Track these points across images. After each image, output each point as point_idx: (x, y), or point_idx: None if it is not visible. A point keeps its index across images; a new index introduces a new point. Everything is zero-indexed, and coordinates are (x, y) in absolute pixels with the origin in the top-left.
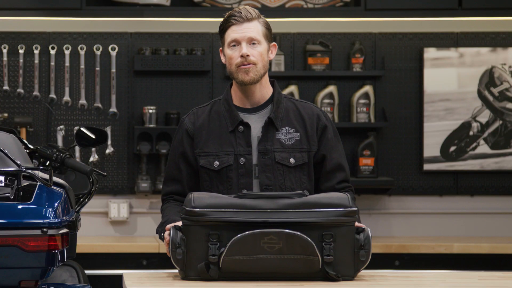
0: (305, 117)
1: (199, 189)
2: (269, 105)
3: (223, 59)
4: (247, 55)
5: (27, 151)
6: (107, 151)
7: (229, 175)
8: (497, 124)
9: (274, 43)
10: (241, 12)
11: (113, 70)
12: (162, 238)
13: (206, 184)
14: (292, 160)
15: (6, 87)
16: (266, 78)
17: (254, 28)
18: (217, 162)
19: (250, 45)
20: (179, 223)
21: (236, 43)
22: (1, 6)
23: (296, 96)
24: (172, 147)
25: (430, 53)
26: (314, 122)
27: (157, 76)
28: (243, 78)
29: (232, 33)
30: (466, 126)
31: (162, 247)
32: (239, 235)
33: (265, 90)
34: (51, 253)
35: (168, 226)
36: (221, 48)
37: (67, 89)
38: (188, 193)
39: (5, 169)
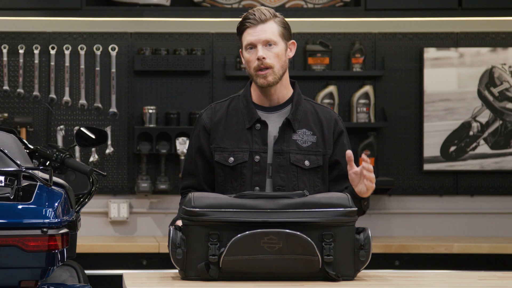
0: (323, 120)
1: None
2: (288, 106)
3: (243, 60)
4: (263, 58)
5: (27, 151)
6: (107, 151)
7: (243, 172)
8: (497, 124)
9: (292, 41)
10: (255, 14)
11: (113, 70)
12: None
13: (221, 179)
14: (307, 163)
15: (6, 87)
16: (286, 78)
17: (269, 29)
18: (232, 158)
19: (266, 47)
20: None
21: (252, 46)
22: (1, 6)
23: None
24: (189, 142)
25: (430, 53)
26: (331, 127)
27: (157, 76)
28: (262, 83)
29: (248, 36)
30: (466, 126)
31: (162, 247)
32: (239, 235)
33: (285, 90)
34: (51, 253)
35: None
36: (240, 50)
37: (67, 89)
38: (189, 193)
39: (5, 169)
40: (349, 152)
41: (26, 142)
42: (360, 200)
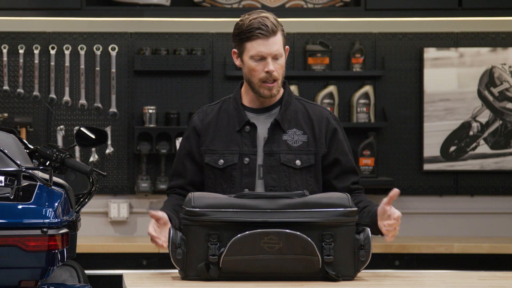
0: (314, 119)
1: (204, 185)
2: (278, 106)
3: (237, 62)
4: (273, 71)
5: (27, 151)
6: (107, 151)
7: (233, 174)
8: (497, 124)
9: (287, 46)
10: (267, 25)
11: (113, 70)
12: None
13: (211, 181)
14: (298, 162)
15: (6, 87)
16: None
17: (278, 42)
18: (222, 161)
19: (274, 60)
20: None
21: (262, 57)
22: (1, 6)
23: None
24: (180, 143)
25: (430, 53)
26: (323, 125)
27: (157, 76)
28: (265, 94)
29: (258, 46)
30: (466, 126)
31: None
32: (239, 235)
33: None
34: (51, 253)
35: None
36: (234, 50)
37: (67, 89)
38: (188, 193)
39: (5, 169)
40: (396, 191)
41: (26, 142)
42: (379, 234)
